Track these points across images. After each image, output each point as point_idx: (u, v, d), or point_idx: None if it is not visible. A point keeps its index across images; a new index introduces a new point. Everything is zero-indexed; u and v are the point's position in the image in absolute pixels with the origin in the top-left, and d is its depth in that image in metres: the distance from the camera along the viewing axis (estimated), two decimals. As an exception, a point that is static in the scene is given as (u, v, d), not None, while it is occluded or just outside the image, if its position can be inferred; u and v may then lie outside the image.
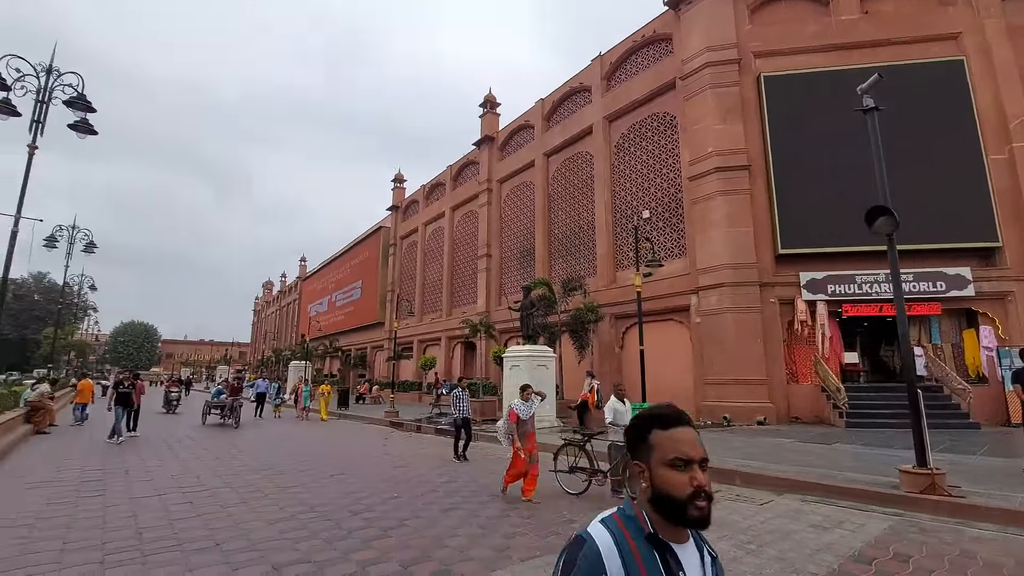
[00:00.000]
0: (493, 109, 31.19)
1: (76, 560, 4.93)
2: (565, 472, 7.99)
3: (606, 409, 7.90)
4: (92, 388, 19.35)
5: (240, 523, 6.21)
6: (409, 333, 34.73)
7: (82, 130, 13.80)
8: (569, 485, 7.83)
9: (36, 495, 7.56)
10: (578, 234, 23.75)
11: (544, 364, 15.64)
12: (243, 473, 9.34)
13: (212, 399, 18.98)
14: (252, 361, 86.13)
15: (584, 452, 7.90)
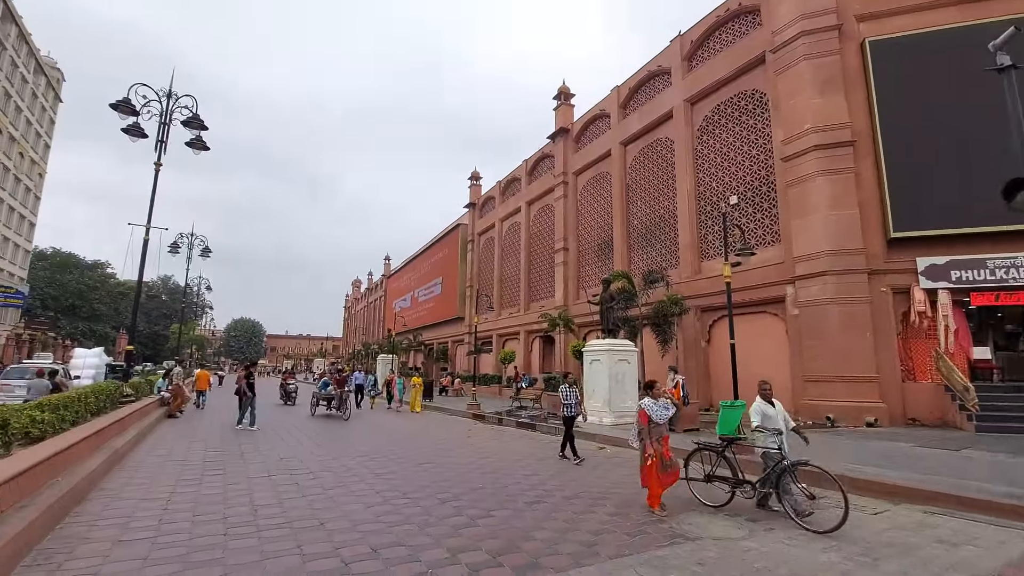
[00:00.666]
0: (567, 101, 30.81)
1: (204, 532, 5.50)
2: (700, 481, 7.06)
3: (751, 412, 6.89)
4: (208, 377, 21.76)
5: (340, 505, 6.62)
6: (488, 327, 35.37)
7: (197, 147, 15.38)
8: (706, 496, 6.94)
9: (171, 470, 8.54)
10: (658, 224, 22.90)
11: (626, 358, 15.27)
12: (341, 458, 9.97)
13: (319, 391, 19.24)
14: (344, 354, 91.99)
15: (724, 459, 6.95)
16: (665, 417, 6.95)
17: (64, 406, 7.43)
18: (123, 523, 5.72)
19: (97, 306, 61.75)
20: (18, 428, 5.87)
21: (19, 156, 50.34)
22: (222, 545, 5.10)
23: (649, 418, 6.84)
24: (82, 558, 4.68)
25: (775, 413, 6.83)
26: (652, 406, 6.92)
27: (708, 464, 7.12)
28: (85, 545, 5.01)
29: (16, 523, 4.57)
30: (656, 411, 6.89)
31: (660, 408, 6.95)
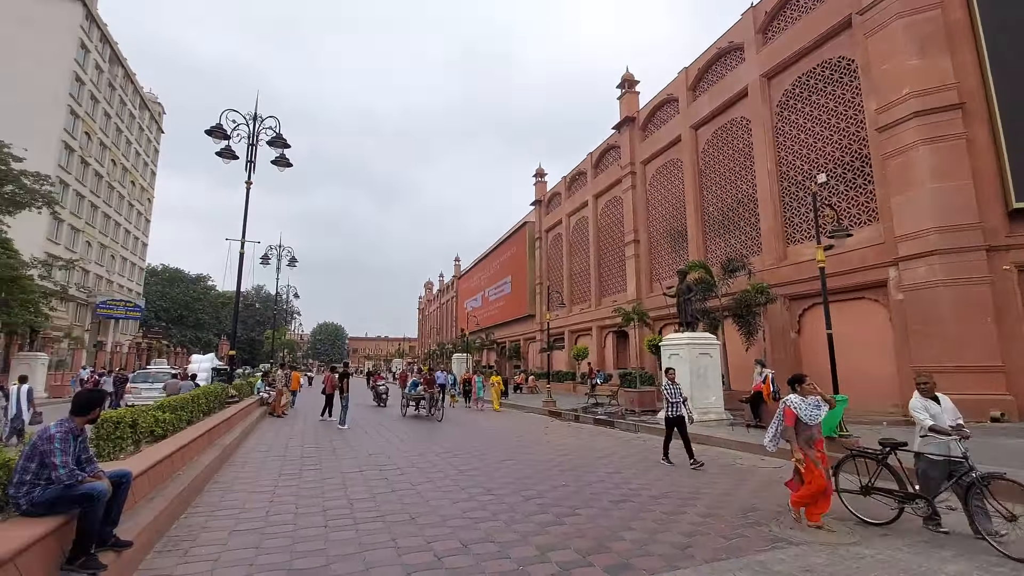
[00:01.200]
0: (631, 88, 29.94)
1: (306, 523, 5.84)
2: (855, 493, 6.03)
3: (913, 409, 5.74)
4: (299, 379, 23.26)
5: (428, 500, 6.80)
6: (560, 324, 35.18)
7: (281, 164, 16.46)
8: (865, 512, 5.91)
9: (273, 465, 9.19)
10: (736, 209, 21.68)
11: (707, 352, 14.57)
12: (425, 455, 10.28)
13: (409, 391, 18.92)
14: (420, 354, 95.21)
15: (887, 467, 5.86)
16: (817, 418, 5.92)
17: (181, 407, 8.21)
18: (236, 514, 6.20)
19: (201, 315, 68.14)
20: (145, 427, 6.54)
21: (131, 184, 56.51)
22: (323, 536, 5.38)
23: (797, 418, 5.90)
24: (204, 545, 5.11)
25: (941, 411, 5.64)
26: (801, 404, 5.94)
27: (863, 473, 6.04)
28: (206, 533, 5.47)
29: (148, 513, 5.07)
30: (806, 410, 5.90)
31: (810, 407, 5.92)
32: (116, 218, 52.35)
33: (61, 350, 37.57)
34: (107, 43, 48.90)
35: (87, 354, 41.86)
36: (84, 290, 44.21)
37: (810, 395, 6.04)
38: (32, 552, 3.24)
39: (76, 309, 43.09)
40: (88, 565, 3.68)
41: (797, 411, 5.93)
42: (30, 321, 28.23)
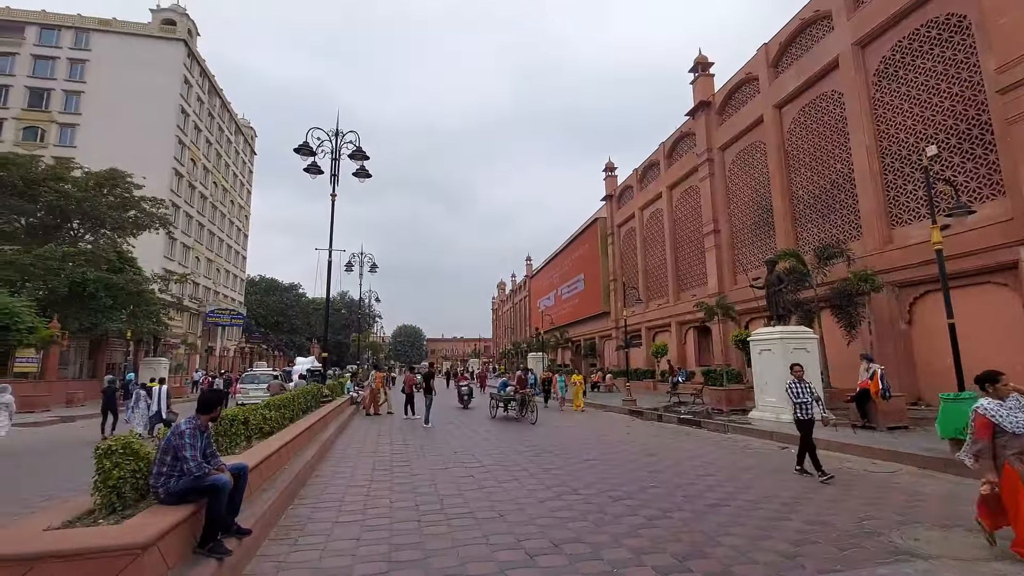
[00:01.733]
0: (706, 71, 28.52)
1: (401, 517, 6.06)
2: None
3: None
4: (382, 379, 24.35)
5: (515, 498, 6.83)
6: (636, 321, 34.27)
7: (361, 176, 17.31)
8: None
9: (366, 461, 9.66)
10: (830, 191, 19.99)
11: (803, 347, 13.53)
12: (508, 454, 10.36)
13: (498, 392, 18.19)
14: (495, 354, 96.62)
15: None
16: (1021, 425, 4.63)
17: (284, 406, 8.86)
18: (337, 506, 6.56)
19: (294, 321, 73.42)
20: (255, 425, 7.11)
21: (231, 203, 62.02)
22: (418, 531, 5.56)
23: (995, 427, 4.69)
24: (311, 535, 5.45)
25: None
26: (998, 410, 4.73)
27: None
28: (312, 524, 5.83)
29: (262, 504, 5.48)
30: (1008, 417, 4.66)
31: (1013, 411, 4.68)
32: (219, 235, 57.73)
33: (179, 355, 41.94)
34: (206, 77, 54.00)
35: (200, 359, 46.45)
36: (195, 301, 49.15)
37: (1011, 396, 4.81)
38: (171, 537, 3.59)
39: (189, 318, 47.98)
40: (216, 550, 4.03)
41: (996, 419, 4.70)
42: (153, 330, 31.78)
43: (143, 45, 47.12)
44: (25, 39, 45.41)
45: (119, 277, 26.61)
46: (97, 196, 28.37)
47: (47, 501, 6.89)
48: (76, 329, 25.88)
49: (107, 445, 3.98)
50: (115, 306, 26.98)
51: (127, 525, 3.55)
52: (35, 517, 3.88)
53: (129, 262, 29.45)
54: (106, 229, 29.56)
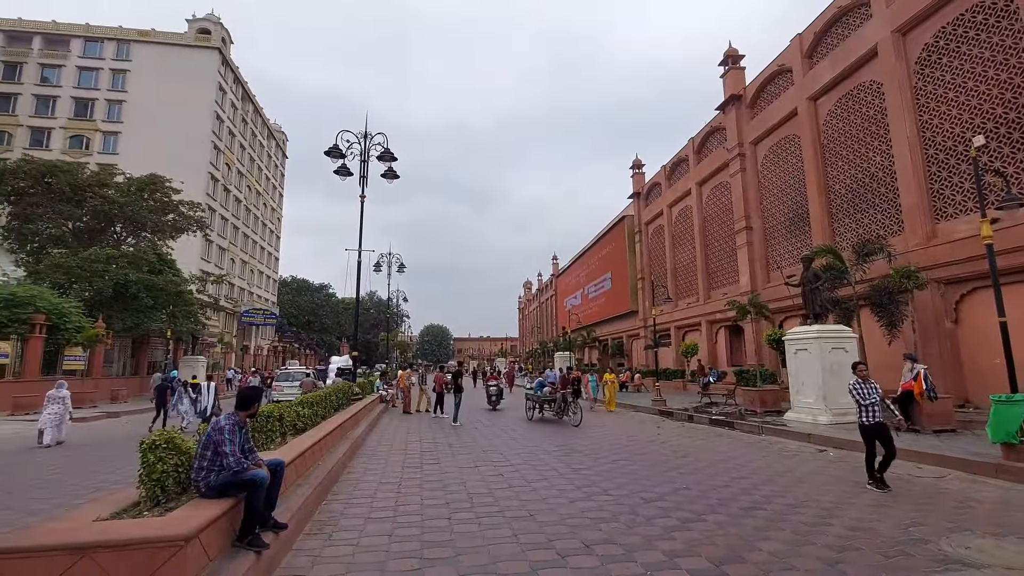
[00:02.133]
0: (736, 64, 27.86)
1: (432, 514, 6.10)
2: None
3: None
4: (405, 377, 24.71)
5: (544, 498, 6.79)
6: (665, 320, 33.74)
7: (390, 176, 17.51)
8: None
9: (397, 458, 9.77)
10: (869, 185, 19.27)
11: (842, 346, 13.08)
12: (536, 453, 10.33)
13: (535, 392, 16.98)
14: (521, 353, 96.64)
15: None
16: None
17: (317, 403, 9.04)
18: (369, 503, 6.65)
19: (325, 320, 74.91)
20: (289, 421, 7.27)
21: (264, 206, 63.66)
22: (449, 528, 5.59)
23: None
24: (344, 531, 5.53)
25: None
26: None
27: None
28: (344, 520, 5.92)
29: (297, 499, 5.59)
30: None
31: None
32: (253, 237, 59.35)
33: (216, 354, 43.30)
34: (239, 83, 55.56)
35: (235, 357, 47.85)
36: (231, 301, 50.64)
37: None
38: (211, 530, 3.69)
39: (225, 318, 49.47)
40: (254, 543, 4.12)
41: None
42: (192, 329, 32.90)
43: (180, 54, 48.81)
44: (71, 51, 47.58)
45: (159, 278, 27.64)
46: (138, 200, 29.53)
47: (96, 493, 7.18)
48: (119, 328, 26.99)
49: (151, 440, 4.11)
50: (156, 306, 28.05)
51: (170, 517, 3.66)
52: (85, 508, 4.04)
53: (168, 264, 30.56)
54: (147, 232, 30.74)
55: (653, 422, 16.26)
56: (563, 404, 15.62)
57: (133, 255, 27.77)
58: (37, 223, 27.67)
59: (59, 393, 12.29)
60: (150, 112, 46.25)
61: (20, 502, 7.03)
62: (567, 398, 15.61)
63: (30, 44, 47.11)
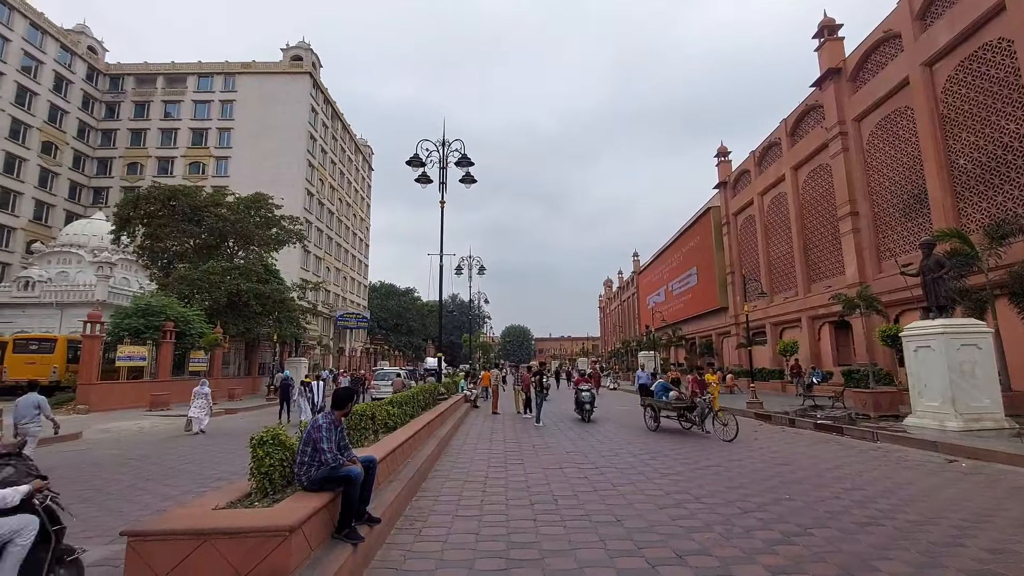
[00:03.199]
0: (833, 35, 25.45)
1: (517, 515, 6.10)
2: None
3: None
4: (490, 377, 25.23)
5: (632, 503, 6.56)
6: (759, 316, 31.59)
7: (467, 181, 17.91)
8: None
9: (481, 458, 9.93)
10: (1002, 158, 16.80)
11: (973, 343, 11.46)
12: (622, 455, 10.05)
13: (658, 398, 13.84)
14: (604, 352, 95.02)
15: None
16: None
17: (406, 403, 9.43)
18: (456, 500, 6.80)
19: (411, 323, 78.36)
20: (381, 420, 7.63)
21: (353, 216, 67.79)
22: (534, 530, 5.56)
23: None
24: (433, 527, 5.69)
25: None
26: None
27: None
28: (434, 516, 6.09)
29: (389, 495, 5.83)
30: None
31: None
32: (345, 246, 63.46)
33: (315, 355, 46.72)
34: (328, 103, 59.62)
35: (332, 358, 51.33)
36: (327, 306, 54.46)
37: None
38: (313, 521, 3.93)
39: (323, 322, 53.26)
40: (351, 536, 4.34)
41: None
42: (295, 333, 35.74)
43: (276, 81, 53.34)
44: (187, 87, 53.64)
45: (266, 287, 30.33)
46: (246, 217, 32.60)
47: (216, 483, 7.98)
48: (234, 333, 29.94)
49: (259, 436, 4.46)
50: (263, 312, 30.80)
51: (277, 508, 3.95)
52: (206, 497, 4.46)
53: (273, 273, 33.46)
54: (254, 245, 33.84)
55: (749, 426, 15.24)
56: (704, 412, 12.77)
57: (244, 267, 30.70)
58: (165, 241, 31.42)
59: (203, 390, 14.68)
60: (253, 136, 51.01)
61: (156, 487, 7.97)
62: (702, 407, 12.79)
63: (155, 84, 53.72)
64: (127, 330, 22.68)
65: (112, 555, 4.87)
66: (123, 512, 6.61)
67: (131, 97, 53.54)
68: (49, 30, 46.68)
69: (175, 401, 21.36)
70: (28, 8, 44.50)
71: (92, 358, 20.15)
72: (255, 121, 51.51)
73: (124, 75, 54.08)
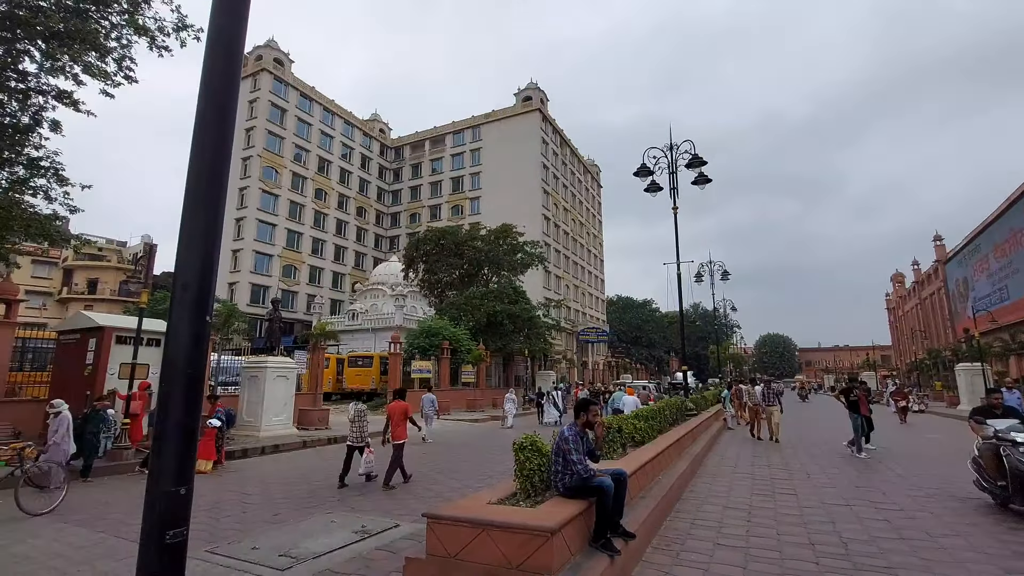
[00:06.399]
0: None
1: (792, 554, 5.27)
2: None
3: None
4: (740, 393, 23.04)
5: (962, 561, 5.01)
6: None
7: (700, 182, 16.84)
8: None
9: (743, 483, 8.97)
10: None
11: None
12: (941, 498, 7.80)
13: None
14: (900, 364, 76.74)
15: None
16: None
17: (652, 417, 9.18)
18: (716, 527, 6.25)
19: (651, 336, 76.67)
20: (627, 433, 7.57)
21: (587, 234, 70.47)
22: (816, 573, 4.72)
23: None
24: (692, 552, 5.33)
25: None
26: None
27: None
28: (691, 541, 5.71)
29: (641, 511, 5.70)
30: None
31: None
32: (581, 263, 66.44)
33: (561, 369, 49.66)
34: (556, 132, 63.97)
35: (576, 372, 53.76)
36: (569, 322, 57.55)
37: None
38: (571, 526, 4.10)
39: (566, 338, 56.41)
40: (607, 546, 4.37)
41: None
42: (542, 348, 38.75)
43: (512, 123, 59.87)
44: (446, 145, 64.35)
45: (516, 307, 33.81)
46: (496, 247, 37.09)
47: (486, 480, 9.07)
48: (492, 350, 34.06)
49: (520, 442, 4.89)
50: (515, 330, 34.33)
51: (539, 510, 4.24)
52: (480, 494, 5.08)
53: (521, 295, 37.10)
54: (504, 271, 38.15)
55: None
56: None
57: (497, 290, 34.88)
58: (438, 274, 37.93)
59: (510, 396, 21.51)
60: (496, 174, 58.09)
61: (445, 479, 9.49)
62: None
63: (423, 148, 66.07)
64: (417, 348, 27.95)
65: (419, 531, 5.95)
66: (421, 497, 8.03)
67: (408, 162, 66.98)
68: (354, 123, 62.12)
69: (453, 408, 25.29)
70: (341, 109, 60.09)
71: (396, 370, 25.37)
72: (497, 161, 58.68)
73: (403, 145, 68.09)
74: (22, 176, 13.85)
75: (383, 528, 6.31)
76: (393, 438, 9.25)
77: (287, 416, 15.83)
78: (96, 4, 12.97)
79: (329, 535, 6.04)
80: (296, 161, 52.70)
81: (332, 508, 7.43)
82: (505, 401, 21.51)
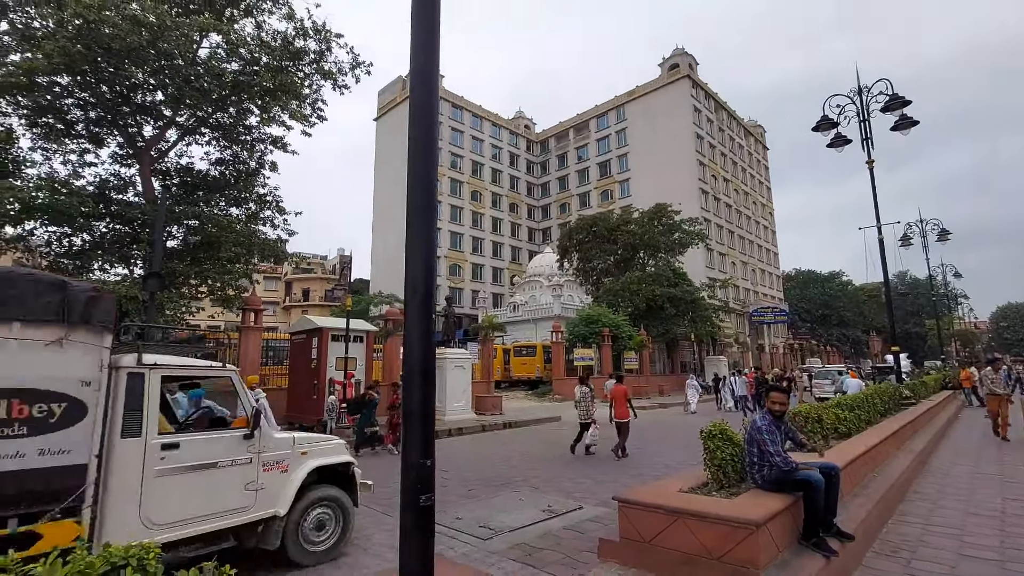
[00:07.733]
0: None
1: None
2: None
3: None
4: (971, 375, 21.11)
5: None
6: None
7: (903, 126, 14.16)
8: None
9: (988, 483, 7.42)
10: None
11: None
12: None
13: None
14: None
15: None
16: None
17: (858, 406, 8.03)
18: (957, 535, 5.28)
19: (843, 313, 66.28)
20: (829, 424, 6.73)
21: (753, 204, 63.83)
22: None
23: None
24: (926, 561, 4.58)
25: None
26: None
27: None
28: (924, 548, 4.91)
29: (856, 510, 5.06)
30: None
31: None
32: (748, 237, 60.47)
33: (733, 353, 45.94)
34: (710, 97, 58.89)
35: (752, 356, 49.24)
36: (739, 303, 52.88)
37: None
38: (777, 521, 3.82)
39: (736, 319, 51.96)
40: (820, 546, 3.98)
41: None
42: (709, 332, 36.32)
43: (658, 96, 56.71)
44: (590, 130, 63.51)
45: (677, 290, 32.19)
46: (651, 229, 35.64)
47: (666, 470, 8.84)
48: (655, 335, 32.91)
49: (708, 430, 4.68)
50: (678, 314, 32.72)
51: (738, 501, 4.03)
52: (668, 481, 5.00)
53: (681, 276, 35.18)
54: (661, 253, 36.53)
55: None
56: None
57: (655, 274, 33.57)
58: (592, 262, 37.78)
59: (691, 382, 21.43)
60: (645, 153, 55.64)
61: (619, 466, 9.50)
62: None
63: (568, 137, 66.08)
64: (578, 336, 28.29)
65: (601, 515, 6.08)
66: (599, 481, 8.15)
67: (554, 153, 67.74)
68: (500, 123, 64.69)
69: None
70: (488, 113, 63.02)
71: (559, 359, 26.04)
72: (645, 139, 56.18)
73: (547, 138, 69.03)
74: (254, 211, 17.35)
75: (568, 509, 6.57)
76: (617, 417, 10.40)
77: (466, 402, 17.31)
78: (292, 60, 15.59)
79: (520, 511, 6.50)
80: (453, 168, 56.87)
81: (517, 487, 7.96)
82: (687, 387, 21.64)
